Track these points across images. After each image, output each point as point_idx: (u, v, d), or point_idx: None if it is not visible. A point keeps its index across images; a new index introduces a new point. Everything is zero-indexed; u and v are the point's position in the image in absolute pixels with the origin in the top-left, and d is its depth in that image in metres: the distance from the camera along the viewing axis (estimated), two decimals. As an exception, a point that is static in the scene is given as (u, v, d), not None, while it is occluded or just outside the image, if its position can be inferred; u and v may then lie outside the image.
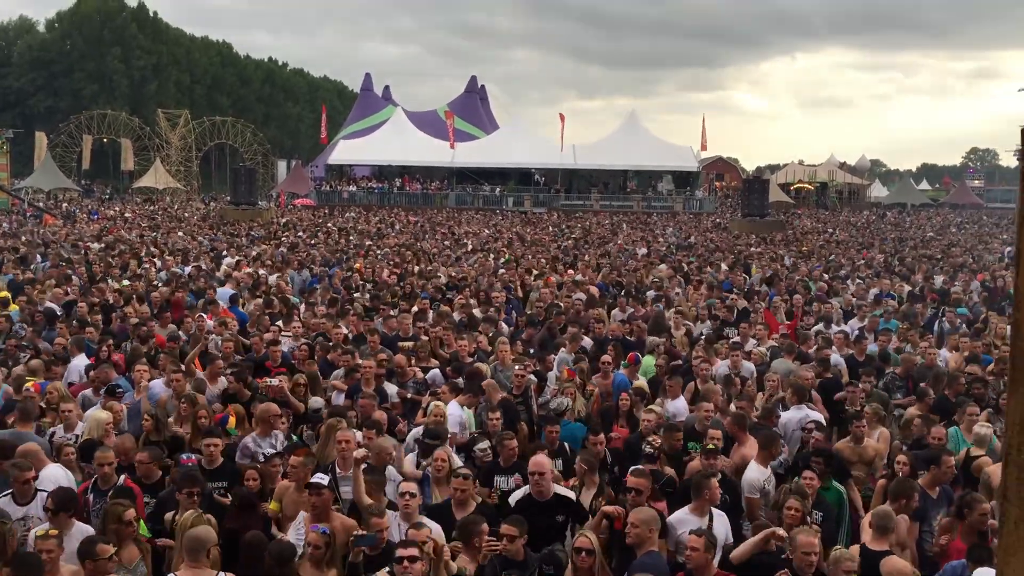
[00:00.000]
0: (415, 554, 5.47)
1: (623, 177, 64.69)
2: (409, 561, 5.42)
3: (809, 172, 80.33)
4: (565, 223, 44.66)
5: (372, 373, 10.14)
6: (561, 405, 9.24)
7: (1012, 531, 1.12)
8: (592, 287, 18.95)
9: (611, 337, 13.18)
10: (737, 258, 27.15)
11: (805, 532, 5.97)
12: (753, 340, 13.22)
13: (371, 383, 9.95)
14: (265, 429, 8.41)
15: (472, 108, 76.31)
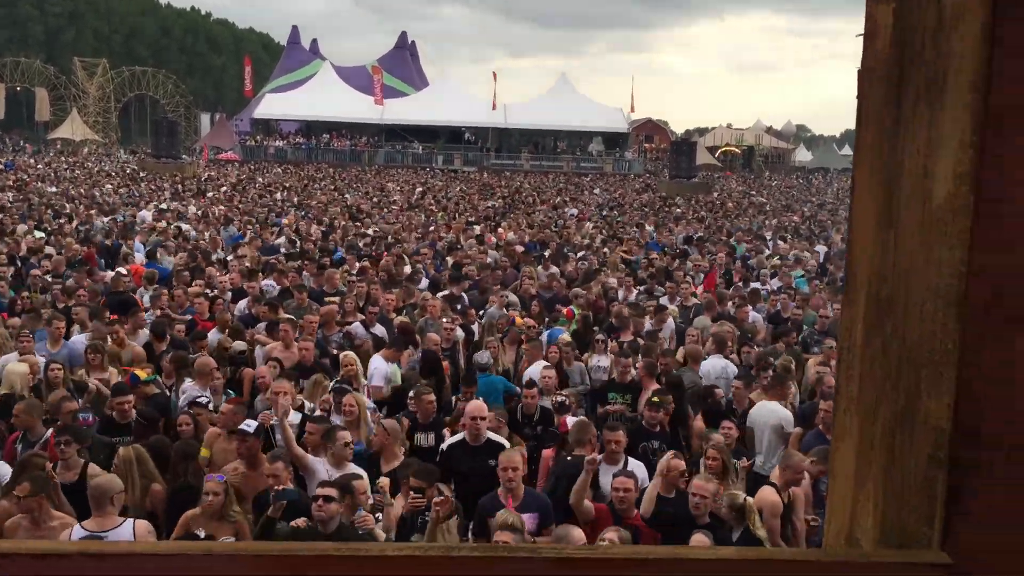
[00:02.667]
0: (331, 494, 5.55)
1: (553, 138, 64.81)
2: (325, 500, 5.51)
3: (736, 136, 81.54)
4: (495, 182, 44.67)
5: (314, 327, 10.18)
6: (480, 359, 9.43)
7: (841, 419, 1.28)
8: (519, 246, 19.13)
9: (536, 294, 13.38)
10: (664, 219, 27.60)
11: (699, 476, 6.27)
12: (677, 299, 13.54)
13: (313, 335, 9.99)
14: (203, 381, 8.42)
15: (402, 64, 75.32)
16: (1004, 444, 1.03)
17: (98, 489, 5.67)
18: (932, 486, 1.06)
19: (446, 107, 60.09)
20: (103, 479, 5.84)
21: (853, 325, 1.30)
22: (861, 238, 1.28)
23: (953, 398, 1.02)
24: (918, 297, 1.11)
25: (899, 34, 1.18)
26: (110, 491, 5.66)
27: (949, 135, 1.05)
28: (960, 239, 1.02)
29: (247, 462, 6.60)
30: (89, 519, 5.66)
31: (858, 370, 1.28)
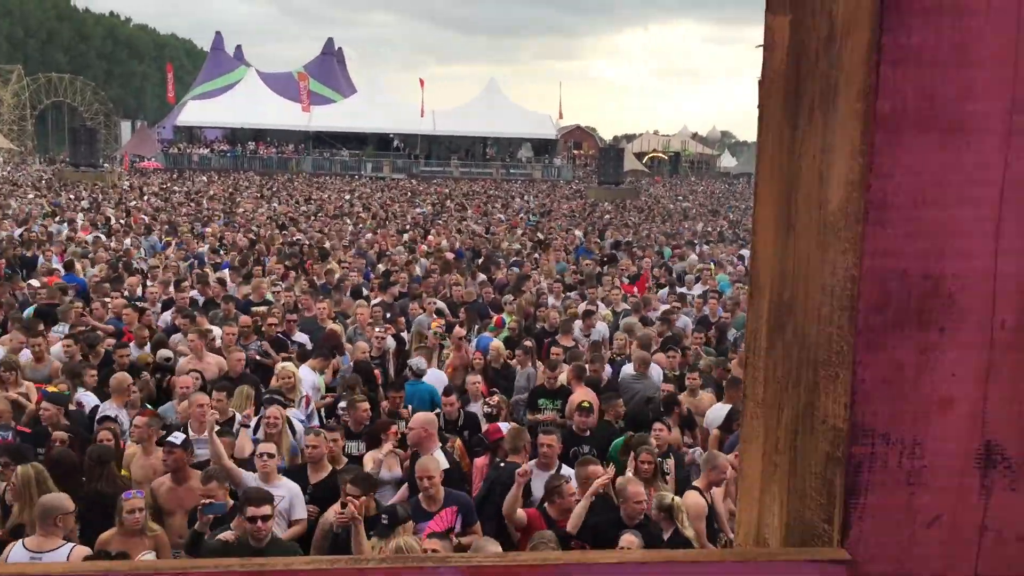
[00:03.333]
0: (267, 513, 5.47)
1: (483, 144, 64.91)
2: (263, 520, 5.42)
3: (663, 142, 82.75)
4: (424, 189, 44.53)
5: (232, 339, 10.00)
6: (418, 366, 9.37)
7: (749, 421, 1.31)
8: (449, 253, 19.11)
9: (465, 301, 13.39)
10: (593, 224, 27.85)
11: (633, 482, 6.29)
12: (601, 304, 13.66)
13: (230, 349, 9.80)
14: (120, 398, 8.20)
15: (329, 71, 74.56)
16: (896, 441, 1.06)
17: (43, 507, 5.52)
18: (831, 484, 1.09)
19: (374, 114, 59.75)
20: (51, 497, 5.67)
21: (758, 328, 1.34)
22: (763, 243, 1.32)
23: (849, 398, 1.05)
24: (815, 300, 1.14)
25: (795, 46, 1.22)
26: (55, 511, 5.50)
27: (841, 143, 1.08)
28: (852, 243, 1.05)
29: (173, 476, 6.45)
30: (32, 537, 5.53)
31: (763, 372, 1.32)
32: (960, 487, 1.08)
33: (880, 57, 1.01)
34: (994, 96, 1.03)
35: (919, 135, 1.03)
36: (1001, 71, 1.03)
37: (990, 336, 1.06)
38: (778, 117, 1.27)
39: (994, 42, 1.02)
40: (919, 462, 1.07)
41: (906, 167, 1.03)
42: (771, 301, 1.29)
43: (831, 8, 1.11)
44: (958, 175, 1.04)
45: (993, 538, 1.08)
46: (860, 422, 1.06)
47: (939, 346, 1.06)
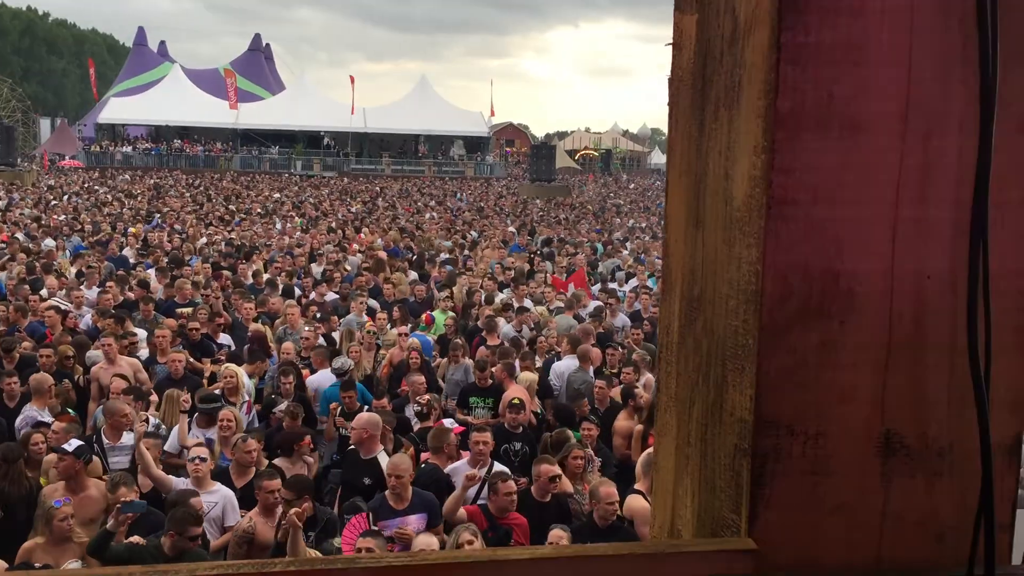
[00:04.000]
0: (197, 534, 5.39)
1: (415, 142, 64.52)
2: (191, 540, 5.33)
3: (594, 139, 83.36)
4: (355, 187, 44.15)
5: (166, 341, 9.75)
6: (344, 365, 9.27)
7: (663, 416, 1.33)
8: (381, 251, 18.97)
9: (398, 299, 13.30)
10: (525, 222, 27.91)
11: (605, 484, 6.29)
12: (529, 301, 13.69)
13: (166, 351, 9.56)
14: (41, 401, 7.95)
15: (256, 67, 73.34)
16: (799, 432, 1.08)
17: None
18: (738, 476, 1.11)
19: (304, 111, 58.91)
20: None
21: (670, 322, 1.35)
22: (674, 238, 1.33)
23: (754, 391, 1.07)
24: (723, 294, 1.16)
25: (702, 44, 1.23)
26: None
27: (745, 140, 1.10)
28: (756, 238, 1.07)
29: (67, 484, 6.20)
30: None
31: (675, 367, 1.33)
32: (862, 475, 1.11)
33: (780, 56, 1.03)
34: (889, 95, 1.06)
35: (818, 133, 1.05)
36: (896, 71, 1.05)
37: (888, 328, 1.09)
38: (687, 115, 1.28)
39: (888, 43, 1.05)
40: (822, 452, 1.10)
41: (806, 164, 1.05)
42: (682, 296, 1.30)
43: (735, 6, 1.13)
44: (856, 172, 1.06)
45: (893, 523, 1.12)
46: (765, 414, 1.08)
47: (839, 339, 1.08)
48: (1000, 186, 1.08)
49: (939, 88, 1.06)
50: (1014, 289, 1.10)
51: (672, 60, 1.33)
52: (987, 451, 1.06)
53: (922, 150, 1.07)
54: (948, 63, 1.06)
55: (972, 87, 1.05)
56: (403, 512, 6.14)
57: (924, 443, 1.11)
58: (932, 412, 1.10)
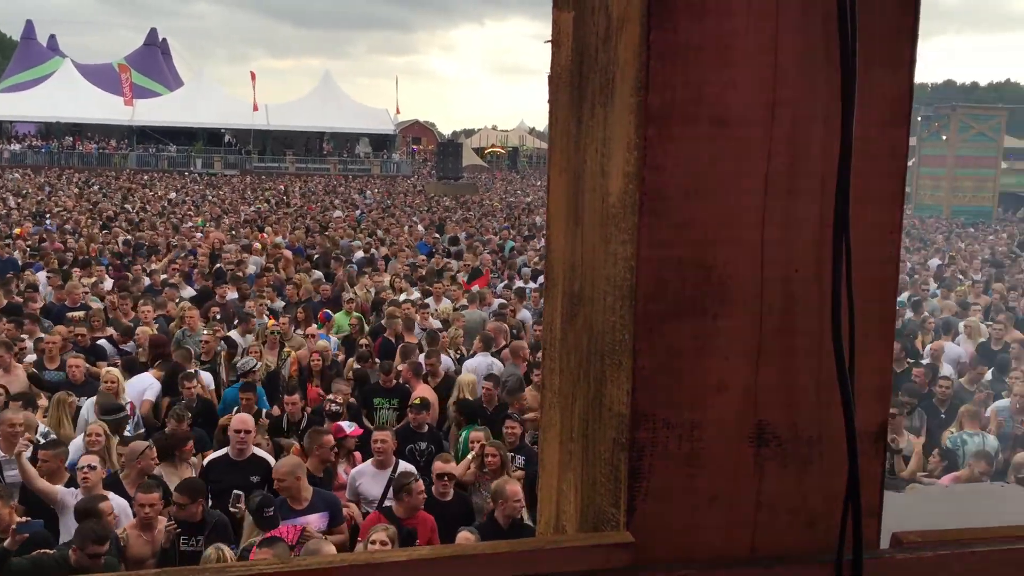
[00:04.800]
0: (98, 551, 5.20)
1: (319, 139, 63.58)
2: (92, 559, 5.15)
3: (501, 137, 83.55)
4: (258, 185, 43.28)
5: (56, 347, 9.36)
6: (246, 365, 9.10)
7: (547, 412, 1.34)
8: (286, 251, 18.66)
9: (302, 299, 13.11)
10: (433, 220, 27.81)
11: (511, 482, 6.30)
12: (446, 299, 13.68)
13: (55, 358, 9.18)
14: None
15: (153, 62, 71.01)
16: (675, 425, 1.10)
17: None
18: (617, 470, 1.12)
19: (203, 108, 57.34)
20: None
21: (552, 319, 1.35)
22: (555, 235, 1.33)
23: (630, 385, 1.08)
24: (601, 290, 1.17)
25: (578, 41, 1.24)
26: None
27: (619, 136, 1.11)
28: (631, 235, 1.08)
29: None
30: None
31: (558, 363, 1.34)
32: (736, 466, 1.13)
33: (650, 53, 1.04)
34: (757, 92, 1.08)
35: (688, 128, 1.06)
36: (762, 69, 1.08)
37: (759, 321, 1.11)
38: (565, 111, 1.29)
39: (755, 41, 1.07)
40: (698, 444, 1.11)
41: (677, 159, 1.07)
42: (564, 292, 1.31)
43: (608, 4, 1.14)
44: (725, 167, 1.08)
45: (767, 513, 1.14)
46: (641, 408, 1.09)
47: (713, 332, 1.10)
48: (864, 181, 1.11)
49: (804, 85, 1.09)
50: (877, 281, 1.14)
51: (551, 57, 1.33)
52: (852, 439, 1.09)
53: (789, 145, 1.09)
54: (812, 61, 1.09)
55: (835, 85, 1.08)
56: (302, 512, 6.07)
57: (795, 433, 1.14)
58: (802, 402, 1.13)
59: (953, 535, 1.18)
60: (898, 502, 2.27)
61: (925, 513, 2.00)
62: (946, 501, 2.35)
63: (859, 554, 1.10)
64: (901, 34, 1.11)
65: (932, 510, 2.04)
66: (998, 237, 29.24)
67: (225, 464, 6.93)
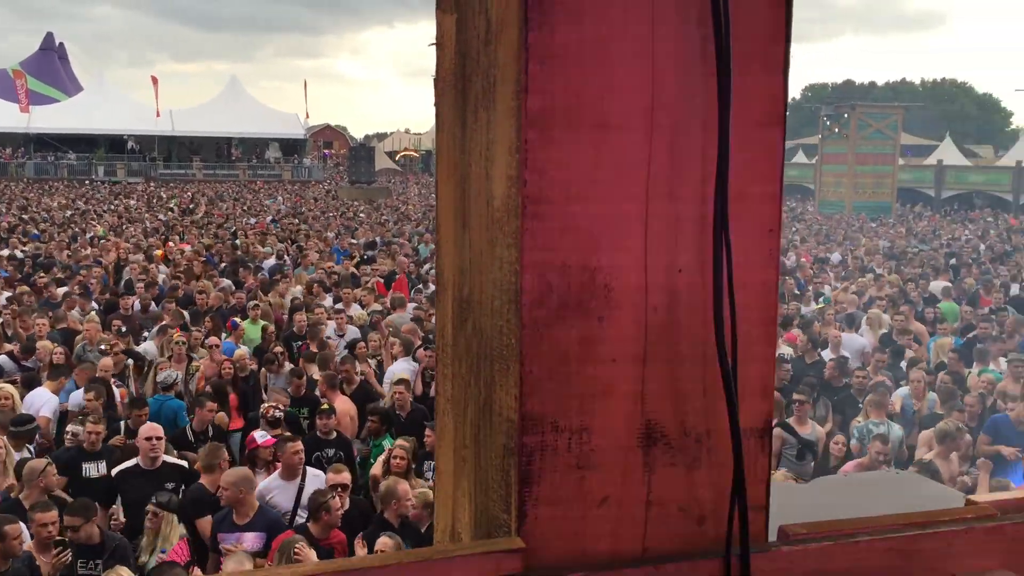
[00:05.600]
0: None
1: (227, 145, 62.21)
2: None
3: (414, 140, 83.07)
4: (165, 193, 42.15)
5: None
6: (168, 378, 8.87)
7: (441, 419, 1.33)
8: (197, 259, 18.22)
9: (212, 308, 12.81)
10: (346, 225, 27.50)
11: (402, 482, 6.28)
12: (357, 305, 13.53)
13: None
14: None
15: (50, 67, 68.40)
16: (564, 428, 1.09)
17: None
18: (507, 475, 1.11)
19: (104, 114, 55.51)
20: None
21: (444, 325, 1.34)
22: (444, 239, 1.32)
23: (518, 389, 1.08)
24: (488, 294, 1.16)
25: (461, 44, 1.23)
26: None
27: (501, 140, 1.10)
28: (514, 238, 1.07)
29: None
30: None
31: (450, 369, 1.32)
32: (625, 467, 1.13)
33: (528, 56, 1.04)
34: (635, 95, 1.09)
35: (568, 131, 1.06)
36: (640, 72, 1.08)
37: (644, 322, 1.12)
38: (451, 115, 1.28)
39: (632, 45, 1.08)
40: (587, 446, 1.11)
41: (558, 163, 1.06)
42: (454, 297, 1.30)
43: (487, 7, 1.13)
44: (606, 170, 1.09)
45: (658, 511, 1.15)
46: (530, 412, 1.09)
47: (599, 335, 1.10)
48: (742, 181, 1.13)
49: (682, 88, 1.10)
50: (758, 280, 1.16)
51: (436, 61, 1.32)
52: (737, 437, 1.11)
53: (668, 147, 1.10)
54: (689, 64, 1.10)
55: (712, 88, 1.10)
56: (243, 528, 5.93)
57: (683, 432, 1.15)
58: (689, 402, 1.14)
59: (837, 526, 1.21)
60: (796, 493, 2.32)
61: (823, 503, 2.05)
62: (844, 490, 2.41)
63: (746, 549, 1.11)
64: (774, 38, 1.14)
65: (829, 500, 2.09)
66: (897, 231, 30.36)
67: (136, 474, 6.74)
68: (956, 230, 31.12)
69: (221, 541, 5.86)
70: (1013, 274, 18.93)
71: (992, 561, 1.25)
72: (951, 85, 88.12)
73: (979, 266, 20.06)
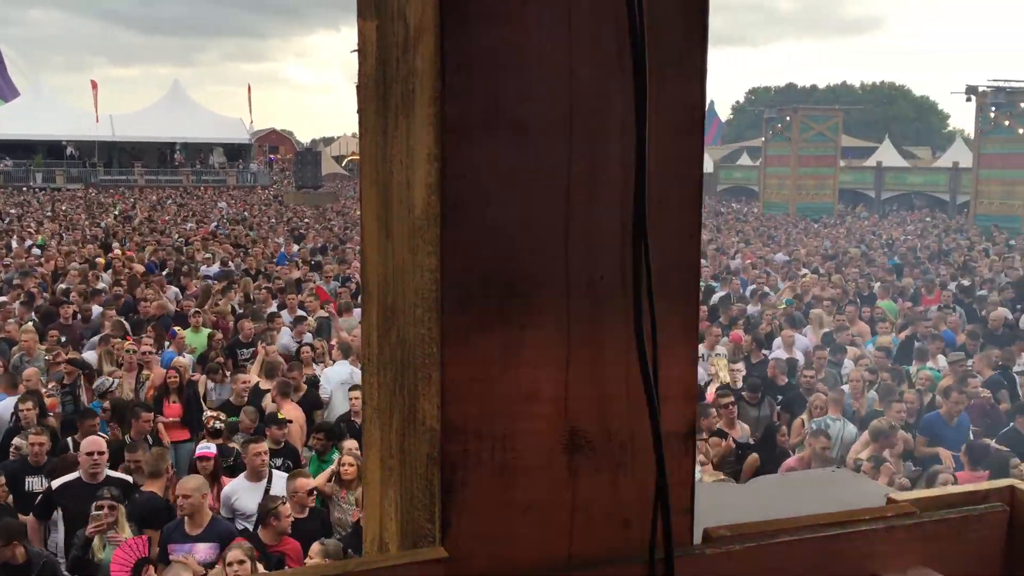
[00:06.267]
0: None
1: (170, 150, 61.23)
2: None
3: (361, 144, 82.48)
4: (105, 199, 41.34)
5: None
6: (103, 386, 8.74)
7: (368, 428, 1.32)
8: (138, 266, 17.93)
9: (154, 316, 12.61)
10: (292, 230, 27.25)
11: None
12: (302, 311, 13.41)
13: None
14: None
15: (-15, 72, 66.86)
16: (487, 436, 1.09)
17: None
18: (431, 484, 1.10)
19: (41, 119, 54.26)
20: None
21: (370, 333, 1.33)
22: (369, 247, 1.31)
23: (440, 398, 1.07)
24: (411, 302, 1.15)
25: (381, 51, 1.22)
26: None
27: (420, 147, 1.10)
28: (435, 246, 1.07)
29: None
30: None
31: (376, 377, 1.31)
32: (550, 474, 1.13)
33: (445, 62, 1.03)
34: (553, 101, 1.09)
35: (487, 137, 1.06)
36: (558, 79, 1.08)
37: (567, 329, 1.12)
38: (373, 122, 1.27)
39: (550, 52, 1.08)
40: (510, 454, 1.11)
41: (477, 170, 1.06)
42: (379, 305, 1.29)
43: (406, 13, 1.12)
44: (527, 177, 1.09)
45: (583, 517, 1.15)
46: (452, 421, 1.08)
47: (521, 342, 1.10)
48: (662, 187, 1.13)
49: (600, 94, 1.10)
50: (679, 285, 1.16)
51: (359, 67, 1.31)
52: (658, 441, 1.11)
53: (588, 153, 1.11)
54: (607, 70, 1.10)
55: (630, 94, 1.10)
56: (195, 539, 5.83)
57: (607, 437, 1.15)
58: (613, 407, 1.15)
59: (761, 527, 1.22)
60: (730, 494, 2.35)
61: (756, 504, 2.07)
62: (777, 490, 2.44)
63: (670, 552, 1.12)
64: (692, 45, 1.15)
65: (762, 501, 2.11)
66: (838, 231, 30.95)
67: (77, 488, 6.57)
68: (895, 231, 31.83)
69: (172, 552, 5.75)
70: (952, 273, 19.40)
71: (912, 559, 1.27)
72: (889, 88, 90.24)
73: (919, 265, 20.54)
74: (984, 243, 26.69)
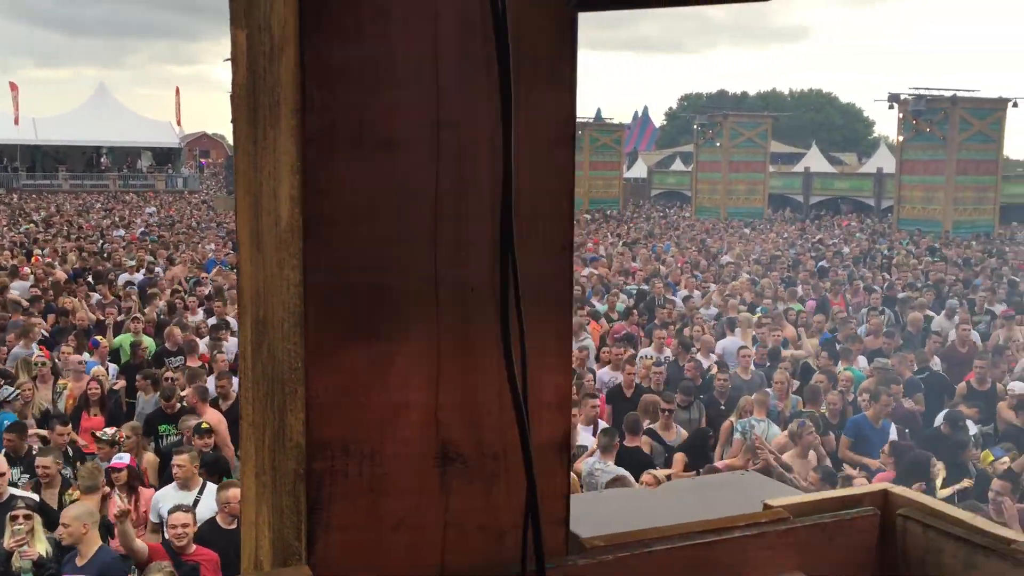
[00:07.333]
0: None
1: (96, 154, 59.69)
2: None
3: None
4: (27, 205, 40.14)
5: None
6: (1, 394, 8.48)
7: (245, 445, 1.30)
8: (60, 273, 17.45)
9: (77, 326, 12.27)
10: (227, 235, 26.78)
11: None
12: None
13: None
14: None
15: (-101, 72, 64.37)
16: (354, 452, 1.08)
17: None
18: (298, 501, 1.09)
19: (-41, 122, 52.57)
20: None
21: (245, 348, 1.31)
22: (243, 260, 1.29)
23: (305, 414, 1.05)
24: (279, 317, 1.13)
25: (251, 61, 1.20)
26: None
27: (285, 159, 1.08)
28: (299, 260, 1.05)
29: None
30: None
31: (251, 393, 1.29)
32: (421, 489, 1.12)
33: (305, 75, 1.02)
34: (420, 113, 1.08)
35: (351, 151, 1.05)
36: (423, 94, 1.08)
37: (437, 343, 1.11)
38: (245, 132, 1.25)
39: (415, 62, 1.07)
40: (380, 469, 1.10)
41: (342, 184, 1.05)
42: (252, 319, 1.26)
43: (271, 24, 1.11)
44: (394, 191, 1.08)
45: (456, 532, 1.14)
46: (318, 437, 1.06)
47: (389, 356, 1.09)
48: (532, 200, 1.14)
49: (467, 107, 1.10)
50: (551, 297, 1.17)
51: (232, 76, 1.28)
52: (527, 453, 1.11)
53: (456, 167, 1.10)
54: (474, 83, 1.10)
55: (498, 106, 1.10)
56: (80, 570, 5.67)
57: (479, 450, 1.15)
58: (485, 420, 1.14)
59: (636, 535, 1.23)
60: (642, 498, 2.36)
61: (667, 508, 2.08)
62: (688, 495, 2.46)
63: (541, 563, 1.12)
64: (561, 58, 1.15)
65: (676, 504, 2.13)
66: (767, 236, 31.54)
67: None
68: (823, 235, 32.54)
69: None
70: (874, 277, 19.91)
71: (785, 564, 1.29)
72: (817, 95, 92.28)
73: (844, 268, 21.04)
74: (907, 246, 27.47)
